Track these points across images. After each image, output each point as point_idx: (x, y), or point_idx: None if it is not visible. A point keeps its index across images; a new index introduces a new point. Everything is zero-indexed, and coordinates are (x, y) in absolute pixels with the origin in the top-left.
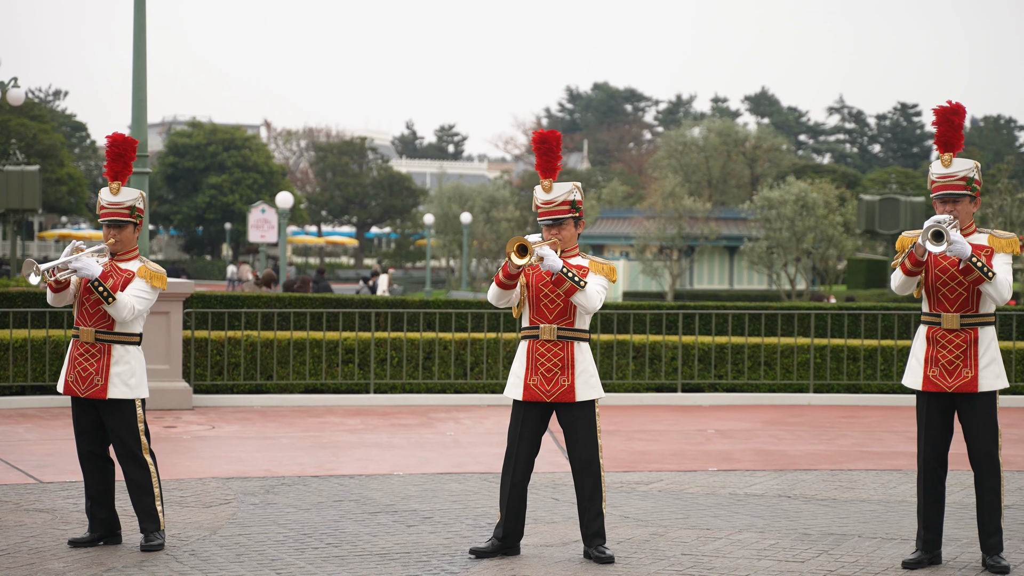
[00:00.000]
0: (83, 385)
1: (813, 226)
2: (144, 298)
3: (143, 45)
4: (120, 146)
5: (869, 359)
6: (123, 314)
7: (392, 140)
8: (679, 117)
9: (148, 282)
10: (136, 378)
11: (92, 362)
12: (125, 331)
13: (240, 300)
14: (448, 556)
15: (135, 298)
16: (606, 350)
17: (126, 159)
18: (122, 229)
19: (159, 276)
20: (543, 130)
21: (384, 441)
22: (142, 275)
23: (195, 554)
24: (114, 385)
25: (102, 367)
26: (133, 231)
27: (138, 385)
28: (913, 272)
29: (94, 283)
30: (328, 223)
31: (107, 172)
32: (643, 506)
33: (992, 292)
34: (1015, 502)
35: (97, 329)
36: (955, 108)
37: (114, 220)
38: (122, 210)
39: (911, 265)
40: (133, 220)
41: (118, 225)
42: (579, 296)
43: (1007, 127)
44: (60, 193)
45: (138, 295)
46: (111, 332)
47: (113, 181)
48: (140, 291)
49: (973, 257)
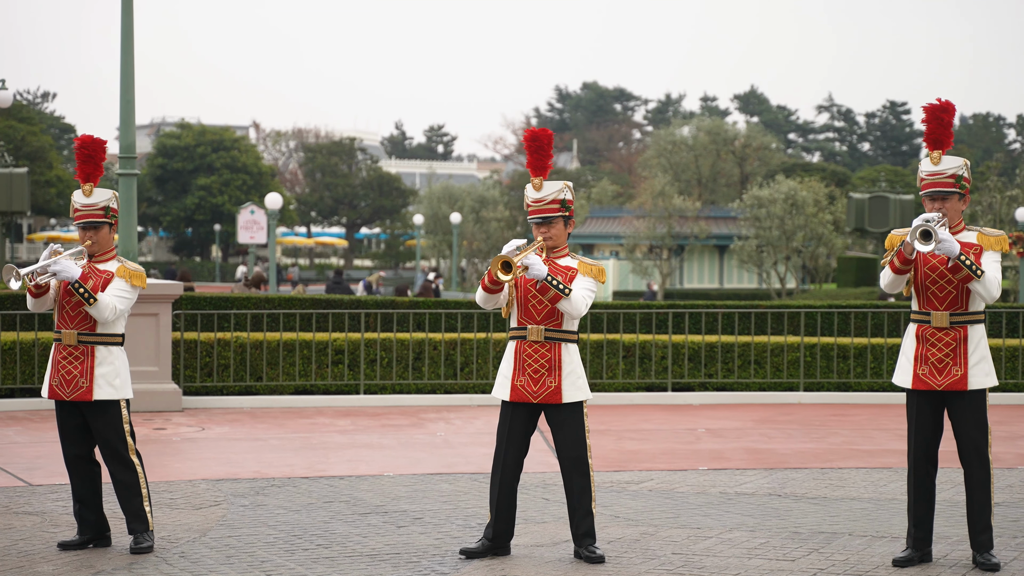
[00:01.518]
0: (68, 388)
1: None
2: (125, 297)
3: (131, 47)
4: (89, 147)
5: (859, 357)
6: (105, 314)
7: (381, 140)
8: (668, 116)
9: (128, 281)
10: (120, 379)
11: (76, 364)
12: (108, 332)
13: (229, 301)
14: (438, 557)
15: (116, 298)
16: (596, 349)
17: (96, 160)
18: (98, 230)
19: (138, 275)
20: (535, 128)
21: (374, 442)
22: (121, 275)
23: (185, 556)
24: (99, 386)
25: (86, 369)
26: (109, 231)
27: (123, 386)
28: (902, 270)
29: (74, 285)
30: (317, 224)
31: (78, 175)
32: (633, 505)
33: (981, 290)
34: (1005, 499)
35: (80, 331)
36: (945, 106)
37: (89, 222)
38: (96, 211)
39: (900, 263)
40: (108, 220)
41: (94, 227)
42: (564, 303)
43: (996, 125)
44: (49, 195)
45: (119, 295)
46: (93, 334)
47: (85, 183)
48: (120, 291)
49: (962, 255)
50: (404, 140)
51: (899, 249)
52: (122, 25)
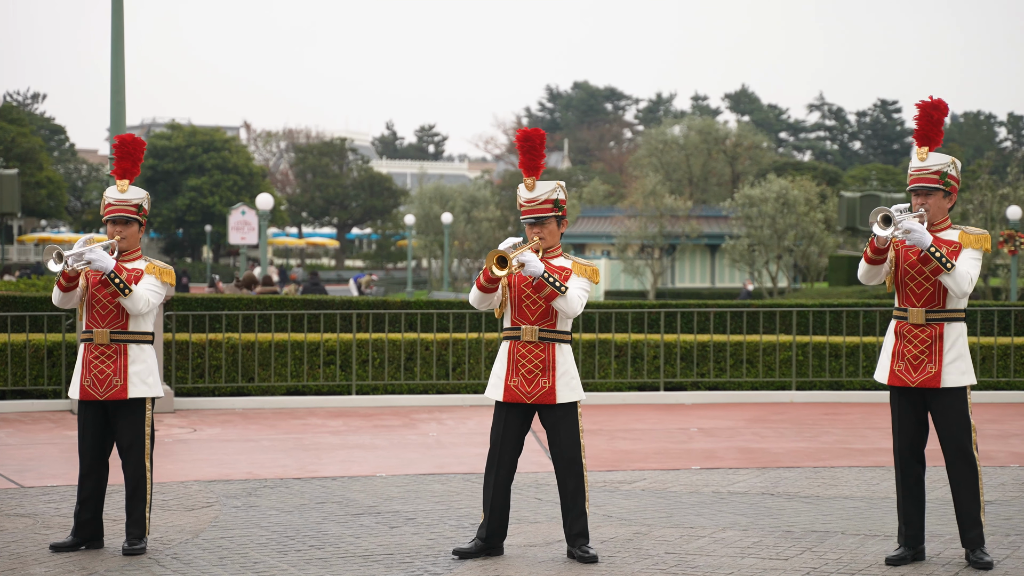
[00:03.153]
0: (101, 388)
1: (794, 223)
2: (157, 292)
3: (121, 48)
4: (128, 145)
5: (851, 356)
6: (139, 306)
7: (372, 141)
8: (659, 115)
9: (158, 277)
10: (153, 377)
11: (109, 363)
12: (139, 330)
13: (221, 302)
14: (431, 557)
15: (148, 291)
16: (588, 349)
17: (135, 158)
18: (128, 226)
19: (168, 272)
20: (527, 128)
21: (366, 442)
22: (151, 271)
23: (177, 558)
24: (133, 384)
25: (120, 367)
26: (139, 230)
27: (155, 384)
28: (874, 260)
29: (110, 275)
30: (309, 224)
31: (115, 171)
32: (626, 505)
33: (951, 283)
34: (997, 498)
35: (112, 330)
36: (937, 104)
37: (121, 216)
38: (129, 207)
39: (872, 252)
40: (139, 218)
41: (124, 221)
42: (560, 301)
43: (987, 123)
44: (39, 196)
45: (151, 289)
46: (126, 332)
47: (121, 179)
48: (152, 285)
49: (932, 247)
50: (395, 140)
51: (871, 238)
52: (112, 26)
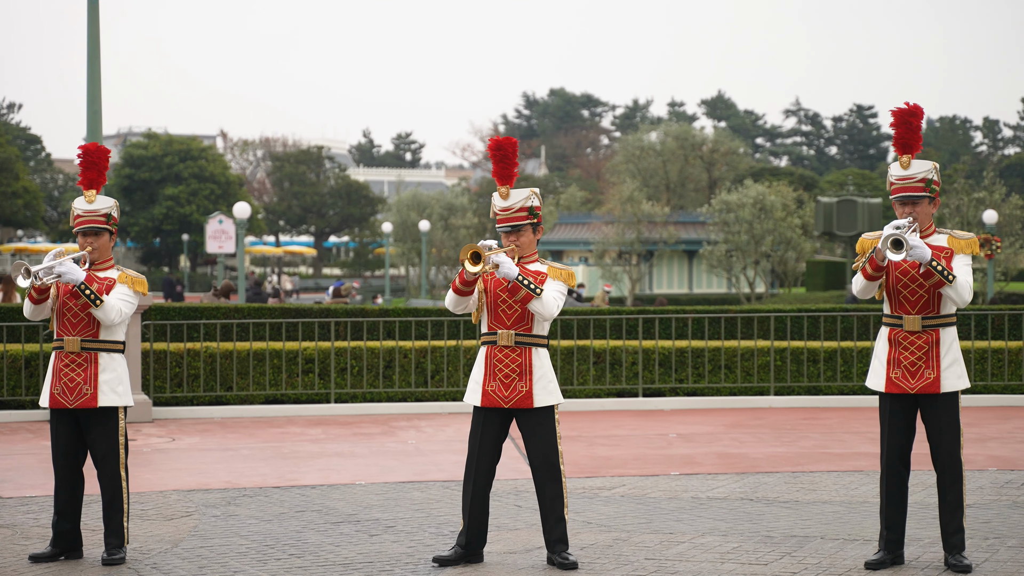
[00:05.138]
0: (71, 396)
1: (771, 229)
2: (129, 301)
3: (97, 57)
4: (93, 155)
5: (829, 361)
6: (111, 316)
7: (349, 149)
8: (636, 122)
9: (130, 287)
10: (123, 386)
11: (79, 372)
12: (110, 339)
13: (199, 312)
14: (411, 565)
15: (120, 301)
16: (566, 356)
17: (100, 167)
18: (99, 236)
19: (140, 281)
20: (499, 137)
21: (345, 450)
22: (123, 281)
23: (157, 567)
24: (103, 393)
25: (90, 376)
26: (109, 239)
27: (125, 393)
28: (874, 277)
29: (81, 286)
30: (286, 233)
31: (81, 181)
32: (606, 511)
33: (953, 295)
34: (976, 501)
35: (83, 338)
36: (913, 110)
37: (91, 227)
38: (98, 217)
39: (872, 270)
40: (109, 228)
41: (95, 232)
42: (535, 303)
43: (963, 127)
44: (15, 206)
45: (123, 299)
46: (97, 340)
47: (88, 189)
48: (124, 295)
49: (933, 261)
50: (372, 148)
51: (871, 256)
52: (88, 34)
